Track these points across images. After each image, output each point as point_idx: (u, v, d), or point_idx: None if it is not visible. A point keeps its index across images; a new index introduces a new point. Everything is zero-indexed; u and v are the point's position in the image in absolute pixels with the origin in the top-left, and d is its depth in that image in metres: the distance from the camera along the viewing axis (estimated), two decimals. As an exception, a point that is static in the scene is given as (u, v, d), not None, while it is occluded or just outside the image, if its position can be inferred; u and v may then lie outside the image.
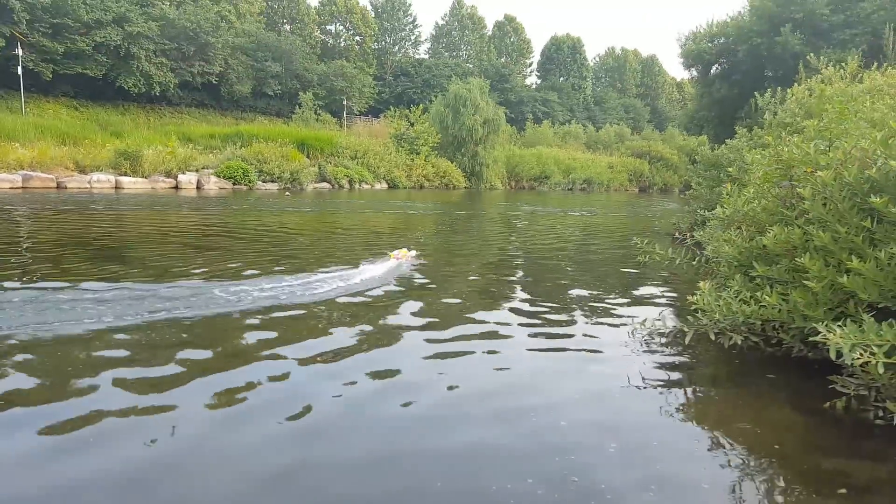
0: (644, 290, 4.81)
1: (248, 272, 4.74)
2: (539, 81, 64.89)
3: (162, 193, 15.65)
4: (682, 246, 8.15)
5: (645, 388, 2.60)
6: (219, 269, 4.84)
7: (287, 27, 49.39)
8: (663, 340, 3.05)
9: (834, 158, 2.81)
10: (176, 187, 17.64)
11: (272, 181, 20.31)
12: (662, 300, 4.42)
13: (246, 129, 25.44)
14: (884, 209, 2.26)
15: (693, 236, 7.85)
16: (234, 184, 18.93)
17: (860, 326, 2.14)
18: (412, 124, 31.58)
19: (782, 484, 1.80)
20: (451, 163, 31.32)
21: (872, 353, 1.98)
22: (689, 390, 2.56)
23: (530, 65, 66.53)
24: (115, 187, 16.56)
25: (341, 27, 53.43)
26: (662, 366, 2.83)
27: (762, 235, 3.01)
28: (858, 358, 1.92)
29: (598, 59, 71.36)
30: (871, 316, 2.35)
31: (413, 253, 5.72)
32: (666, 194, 38.36)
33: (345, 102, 45.35)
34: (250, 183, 19.29)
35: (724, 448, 2.05)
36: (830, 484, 1.77)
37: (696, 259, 3.87)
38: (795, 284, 2.64)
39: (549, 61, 64.72)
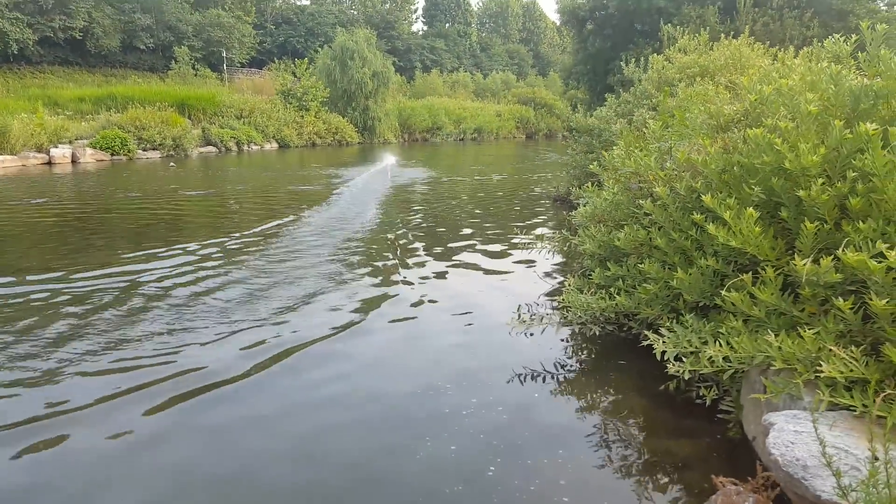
0: (522, 277, 5.29)
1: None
2: (425, 28, 64.14)
3: (35, 172, 14.44)
4: (561, 206, 8.87)
5: (512, 373, 3.08)
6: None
7: (154, -26, 45.39)
8: (537, 331, 3.51)
9: (670, 169, 3.32)
10: (49, 163, 16.26)
11: (153, 149, 19.22)
12: (541, 286, 4.92)
13: (119, 91, 23.61)
14: (703, 223, 2.77)
15: (569, 199, 8.56)
16: (112, 154, 17.75)
17: (684, 325, 2.67)
18: (298, 78, 30.53)
19: (618, 463, 2.29)
20: (343, 118, 30.78)
21: (694, 351, 2.50)
22: (550, 377, 3.05)
23: (415, 11, 65.41)
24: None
25: (212, -28, 49.77)
26: (531, 354, 3.32)
27: (619, 231, 3.51)
28: (682, 362, 2.43)
29: (481, 3, 71.32)
30: (700, 309, 2.92)
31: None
32: (550, 139, 39.86)
33: (224, 54, 42.82)
34: (130, 153, 18.16)
35: (572, 431, 2.54)
36: (659, 462, 2.28)
37: (568, 244, 4.40)
38: (640, 280, 3.16)
39: (434, 7, 64.00)
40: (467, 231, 7.15)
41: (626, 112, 7.78)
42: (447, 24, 63.45)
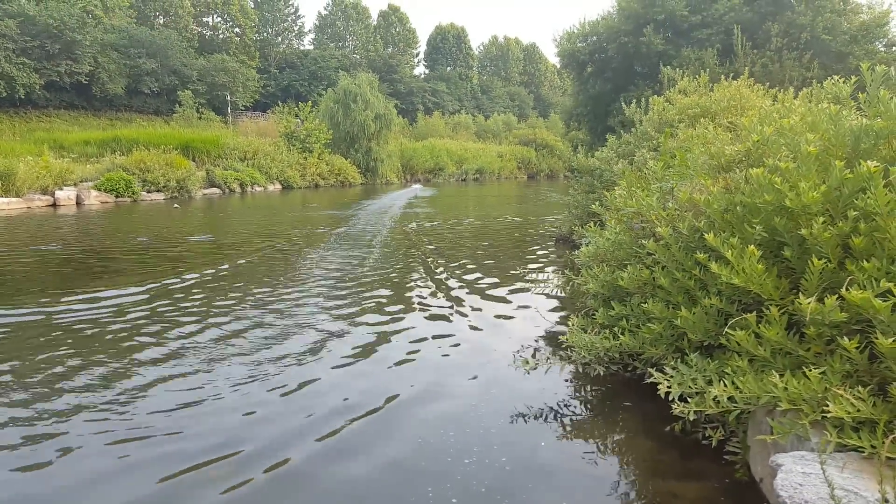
0: (527, 315, 5.27)
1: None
2: (427, 71, 65.52)
3: (39, 213, 14.58)
4: (563, 245, 8.89)
5: (516, 413, 3.05)
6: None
7: (161, 20, 46.66)
8: (541, 371, 3.48)
9: (672, 209, 3.34)
10: (54, 205, 16.43)
11: (157, 191, 19.41)
12: (544, 325, 4.90)
13: (124, 134, 24.03)
14: (706, 262, 2.77)
15: (572, 238, 8.60)
16: (116, 196, 17.93)
17: (689, 365, 2.65)
18: (302, 121, 31.07)
19: (627, 507, 2.25)
20: (346, 159, 31.18)
21: (699, 391, 2.48)
22: (554, 418, 3.00)
23: (417, 55, 66.98)
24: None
25: (219, 19, 51.21)
26: (535, 395, 3.28)
27: (622, 271, 3.51)
28: (687, 402, 2.40)
29: (482, 47, 73.04)
30: (704, 349, 2.90)
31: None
32: (552, 180, 40.24)
33: (228, 98, 43.65)
34: (134, 195, 18.35)
35: (577, 471, 2.50)
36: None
37: (571, 283, 4.40)
38: (644, 320, 3.14)
39: (436, 51, 65.56)
40: (470, 269, 7.15)
41: (627, 153, 7.87)
42: (448, 68, 64.88)
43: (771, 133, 3.06)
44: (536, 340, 4.29)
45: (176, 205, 17.13)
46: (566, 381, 3.53)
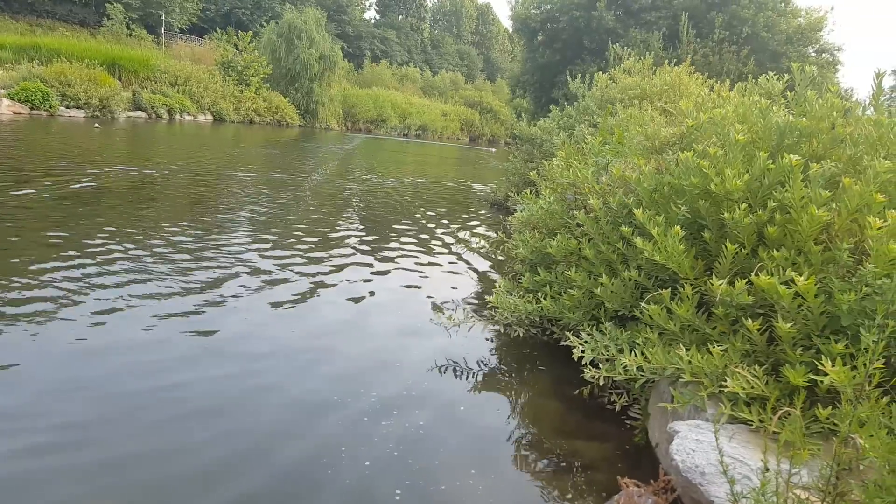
0: (459, 274, 5.33)
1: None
2: (378, 17, 63.55)
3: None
4: (498, 211, 9.00)
5: (434, 365, 3.12)
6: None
7: (92, -78, 42.77)
8: (464, 329, 3.54)
9: (605, 184, 3.43)
10: (-37, 110, 15.07)
11: (78, 107, 18.10)
12: (472, 286, 4.97)
13: (45, 42, 22.05)
14: (630, 236, 2.87)
15: (507, 205, 8.72)
16: (31, 108, 16.59)
17: (603, 332, 2.77)
18: (240, 51, 29.54)
19: (531, 462, 2.35)
20: (285, 98, 30.04)
21: (610, 359, 2.60)
22: (471, 374, 3.09)
23: (369, -2, 64.69)
24: None
25: (159, -71, 47.44)
26: (456, 350, 3.35)
27: (552, 238, 3.59)
28: (598, 369, 2.51)
29: (436, 1, 71.38)
30: (619, 319, 3.03)
31: None
32: (492, 145, 40.37)
33: (163, 17, 40.90)
34: (51, 108, 17.03)
35: (488, 426, 2.59)
36: (564, 464, 2.35)
37: (502, 247, 4.47)
38: (566, 287, 3.24)
39: (389, -3, 63.52)
40: (405, 226, 7.13)
41: (568, 125, 7.98)
42: (400, 16, 63.16)
43: (705, 120, 3.17)
44: (463, 299, 4.35)
45: (97, 125, 16.06)
46: (487, 339, 3.61)
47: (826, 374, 1.84)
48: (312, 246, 5.44)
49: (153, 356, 2.89)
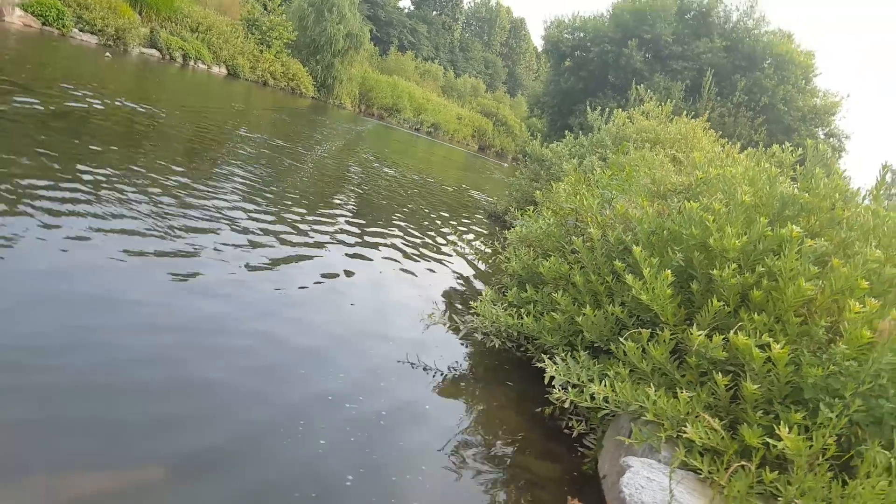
0: (448, 279, 5.37)
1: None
2: (412, 8, 63.50)
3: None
4: (495, 222, 9.06)
5: (405, 360, 3.16)
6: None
7: None
8: (441, 329, 3.59)
9: (607, 217, 3.50)
10: (-33, 10, 14.78)
11: (92, 33, 17.86)
12: (458, 290, 5.02)
13: (71, -41, 21.75)
14: (622, 272, 2.94)
15: (505, 218, 8.80)
16: (43, 24, 16.35)
17: (576, 360, 2.83)
18: (268, 12, 29.36)
19: (478, 468, 2.40)
20: (304, 67, 29.92)
21: (576, 385, 2.66)
22: (440, 376, 3.13)
23: (407, -13, 64.68)
24: None
25: None
26: (431, 350, 3.39)
27: (545, 259, 3.66)
28: (567, 390, 2.57)
29: (472, 4, 71.49)
30: (594, 349, 3.09)
31: None
32: (501, 158, 40.50)
33: (199, -39, 40.45)
34: (64, 28, 16.78)
35: (448, 427, 2.64)
36: (514, 477, 2.41)
37: (494, 258, 4.53)
38: (550, 309, 3.30)
39: (427, -9, 63.48)
40: (399, 217, 7.16)
41: (579, 154, 8.08)
42: (434, 12, 63.14)
43: (715, 175, 3.25)
44: (445, 300, 4.40)
45: (108, 54, 15.87)
46: (461, 344, 3.66)
47: (780, 440, 1.91)
48: (301, 217, 5.43)
49: (116, 292, 2.84)
